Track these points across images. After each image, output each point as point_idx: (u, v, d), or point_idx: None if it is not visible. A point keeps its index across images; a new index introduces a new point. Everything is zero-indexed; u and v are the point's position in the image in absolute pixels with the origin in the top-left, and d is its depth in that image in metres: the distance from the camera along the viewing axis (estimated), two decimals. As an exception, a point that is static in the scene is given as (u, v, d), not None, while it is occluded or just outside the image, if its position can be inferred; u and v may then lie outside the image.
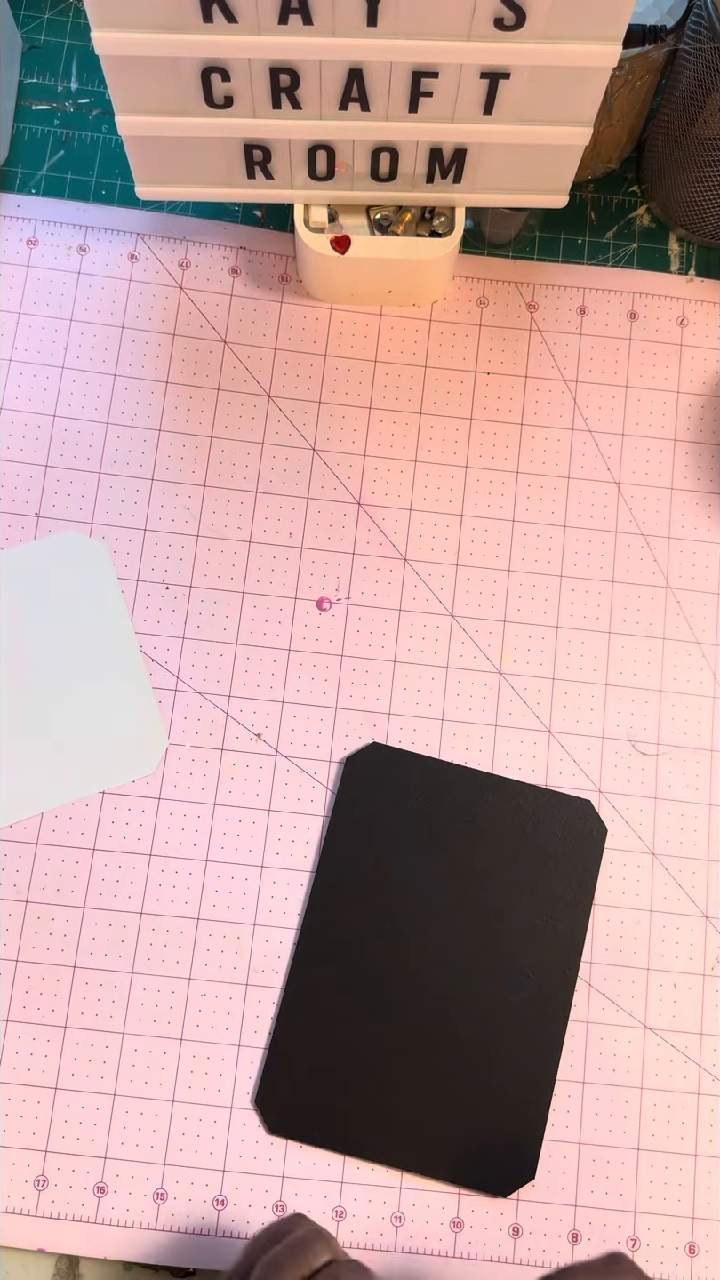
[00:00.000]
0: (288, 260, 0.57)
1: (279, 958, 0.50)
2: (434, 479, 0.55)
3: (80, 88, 0.59)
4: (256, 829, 0.51)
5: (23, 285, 0.56)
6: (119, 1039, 0.49)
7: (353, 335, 0.56)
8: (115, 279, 0.56)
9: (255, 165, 0.50)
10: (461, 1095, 0.49)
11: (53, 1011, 0.49)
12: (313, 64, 0.45)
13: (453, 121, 0.47)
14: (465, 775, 0.51)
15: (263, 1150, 0.48)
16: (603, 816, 0.52)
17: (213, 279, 0.56)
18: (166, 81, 0.45)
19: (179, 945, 0.50)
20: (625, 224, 0.58)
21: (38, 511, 0.53)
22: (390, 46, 0.44)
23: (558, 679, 0.53)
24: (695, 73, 0.50)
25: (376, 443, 0.55)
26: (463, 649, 0.53)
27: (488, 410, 0.55)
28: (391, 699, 0.52)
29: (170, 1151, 0.48)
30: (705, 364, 0.56)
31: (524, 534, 0.54)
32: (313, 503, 0.54)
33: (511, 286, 0.57)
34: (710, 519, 0.55)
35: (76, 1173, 0.48)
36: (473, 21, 0.43)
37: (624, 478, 0.55)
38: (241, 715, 0.52)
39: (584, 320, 0.57)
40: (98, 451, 0.54)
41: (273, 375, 0.55)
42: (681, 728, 0.53)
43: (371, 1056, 0.49)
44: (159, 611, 0.53)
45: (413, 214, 0.53)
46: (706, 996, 0.50)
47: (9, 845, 0.50)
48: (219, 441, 0.55)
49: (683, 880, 0.51)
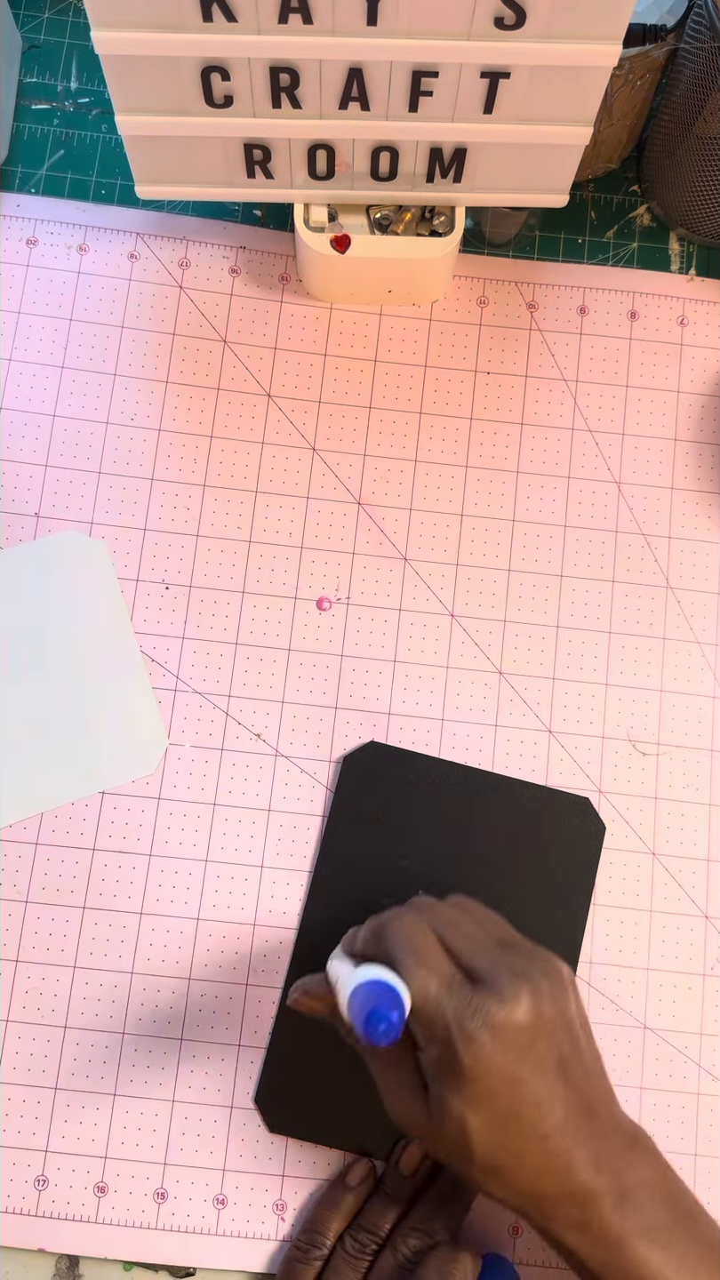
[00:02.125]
0: (288, 260, 0.57)
1: (279, 958, 0.50)
2: (434, 479, 0.55)
3: (80, 87, 0.59)
4: (256, 829, 0.51)
5: (22, 285, 0.56)
6: (119, 1039, 0.49)
7: (353, 335, 0.56)
8: (115, 279, 0.56)
9: (255, 165, 0.50)
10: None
11: (53, 1011, 0.49)
12: (313, 63, 0.45)
13: (453, 121, 0.47)
14: (462, 773, 0.51)
15: (263, 1149, 0.48)
16: (603, 817, 0.52)
17: (213, 279, 0.56)
18: (166, 81, 0.45)
19: (179, 945, 0.50)
20: (625, 224, 0.58)
21: (37, 511, 0.53)
22: (390, 46, 0.44)
23: (558, 679, 0.53)
24: (695, 72, 0.50)
25: (376, 443, 0.55)
26: (463, 649, 0.53)
27: (488, 410, 0.55)
28: (391, 699, 0.52)
29: (170, 1151, 0.48)
30: (706, 364, 0.56)
31: (524, 534, 0.54)
32: (313, 502, 0.54)
33: (511, 286, 0.57)
34: (710, 519, 0.55)
35: (76, 1173, 0.48)
36: (473, 21, 0.43)
37: (624, 478, 0.55)
38: (241, 715, 0.52)
39: (584, 320, 0.57)
40: (97, 451, 0.54)
41: (273, 375, 0.55)
42: (682, 728, 0.53)
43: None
44: (159, 611, 0.53)
45: (413, 213, 0.53)
46: (706, 996, 0.50)
47: (9, 845, 0.50)
48: (219, 441, 0.55)
49: (683, 880, 0.51)
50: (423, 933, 0.39)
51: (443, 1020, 0.37)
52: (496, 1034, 0.37)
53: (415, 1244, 0.45)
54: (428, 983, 0.37)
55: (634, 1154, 0.39)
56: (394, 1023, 0.34)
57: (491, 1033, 0.37)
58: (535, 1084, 0.37)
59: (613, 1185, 0.38)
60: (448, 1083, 0.37)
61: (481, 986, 0.38)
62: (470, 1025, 0.37)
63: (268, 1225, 0.48)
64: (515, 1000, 0.37)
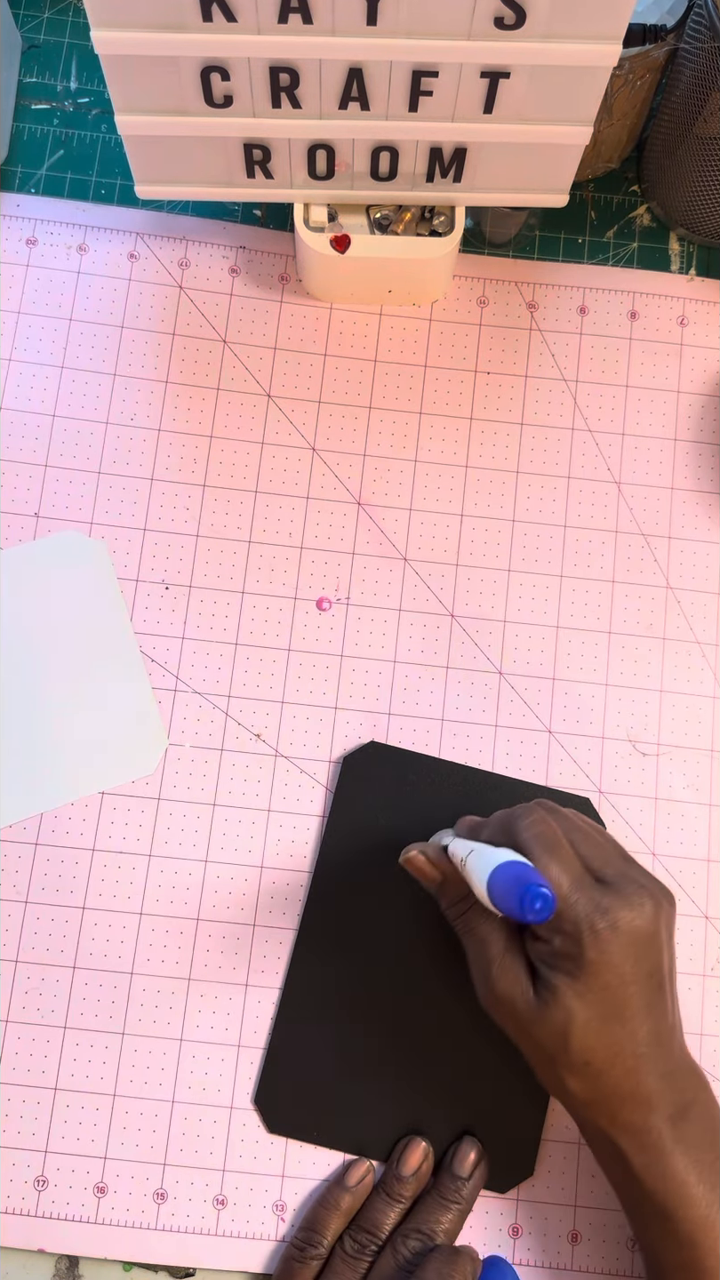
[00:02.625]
0: (288, 260, 0.57)
1: (279, 957, 0.50)
2: (434, 479, 0.55)
3: (80, 87, 0.59)
4: (256, 829, 0.51)
5: (22, 285, 0.56)
6: (119, 1039, 0.49)
7: (353, 335, 0.56)
8: (115, 278, 0.56)
9: (255, 164, 0.50)
10: (460, 1092, 0.49)
11: (53, 1012, 0.49)
12: (312, 63, 0.45)
13: (453, 121, 0.47)
14: (462, 773, 0.51)
15: (263, 1150, 0.48)
16: (603, 817, 0.52)
17: (212, 278, 0.56)
18: (166, 81, 0.45)
19: (179, 945, 0.50)
20: (625, 223, 0.58)
21: (37, 511, 0.53)
22: (390, 46, 0.44)
23: (558, 679, 0.53)
24: (695, 72, 0.50)
25: (376, 443, 0.55)
26: (463, 649, 0.53)
27: (488, 410, 0.55)
28: (391, 699, 0.52)
29: (170, 1151, 0.48)
30: (706, 364, 0.56)
31: (524, 534, 0.54)
32: (313, 503, 0.54)
33: (512, 286, 0.57)
34: (710, 519, 0.55)
35: (76, 1173, 0.48)
36: (473, 21, 0.43)
37: (624, 478, 0.55)
38: (241, 715, 0.52)
39: (584, 320, 0.57)
40: (97, 451, 0.54)
41: (273, 375, 0.55)
42: (682, 728, 0.53)
43: (371, 1054, 0.49)
44: (159, 611, 0.53)
45: (413, 213, 0.53)
46: (706, 996, 0.50)
47: (9, 845, 0.50)
48: (219, 441, 0.55)
49: (683, 880, 0.51)
50: (554, 830, 0.41)
51: (572, 914, 0.39)
52: (621, 935, 0.39)
53: (415, 1245, 0.45)
54: (561, 877, 0.39)
55: (694, 1077, 0.42)
56: (550, 899, 0.35)
57: (617, 933, 0.39)
58: (643, 989, 0.40)
59: (675, 1099, 0.40)
60: (566, 973, 0.39)
61: (610, 890, 0.40)
62: (600, 923, 0.39)
63: (267, 1225, 0.48)
64: (641, 908, 0.40)
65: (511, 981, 0.41)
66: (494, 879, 0.37)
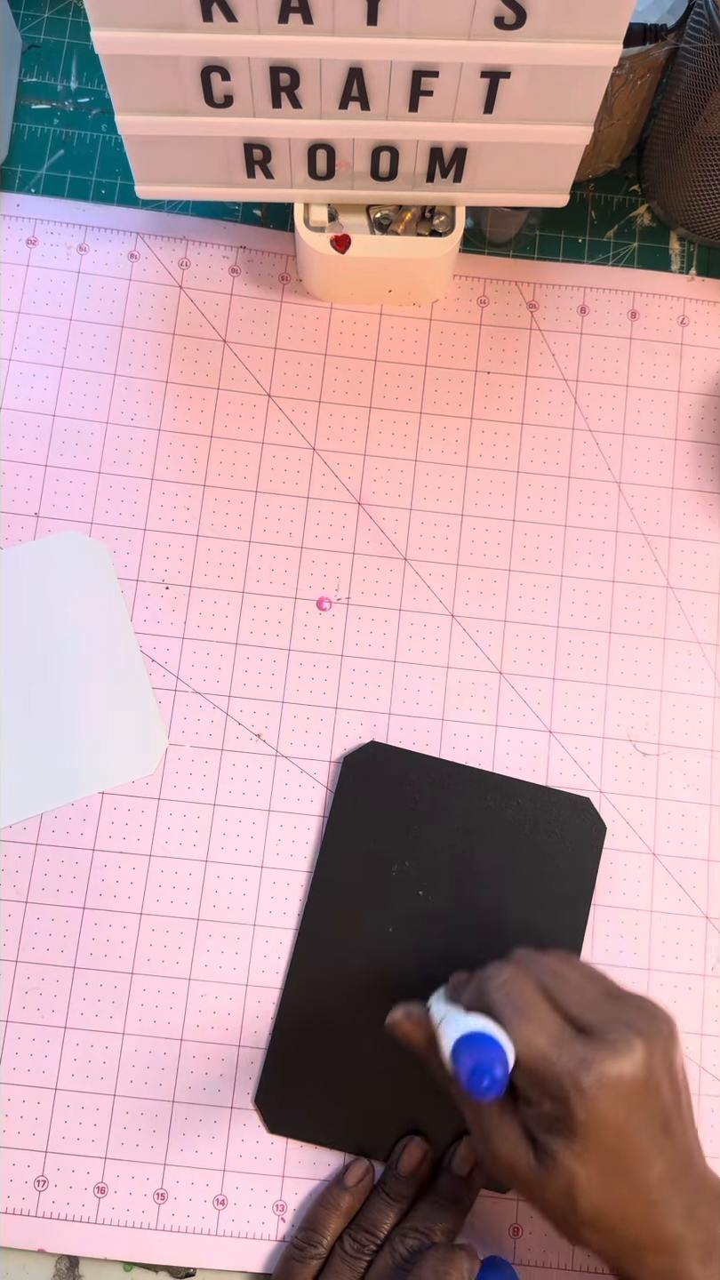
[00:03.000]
0: (288, 259, 0.57)
1: (279, 958, 0.50)
2: (434, 479, 0.55)
3: (80, 87, 0.59)
4: (256, 829, 0.51)
5: (22, 285, 0.56)
6: (119, 1039, 0.49)
7: (353, 335, 0.56)
8: (115, 278, 0.56)
9: (255, 164, 0.50)
10: (461, 1095, 0.49)
11: (53, 1012, 0.49)
12: (313, 63, 0.45)
13: (453, 120, 0.47)
14: (462, 773, 0.51)
15: (263, 1150, 0.48)
16: (604, 817, 0.51)
17: (212, 278, 0.56)
18: (166, 81, 0.45)
19: (179, 945, 0.50)
20: (626, 223, 0.58)
21: (37, 511, 0.53)
22: (390, 45, 0.44)
23: (558, 679, 0.53)
24: (696, 72, 0.50)
25: (376, 442, 0.55)
26: (463, 649, 0.53)
27: (488, 410, 0.55)
28: (391, 699, 0.52)
29: (170, 1151, 0.48)
30: (706, 363, 0.56)
31: (524, 534, 0.54)
32: (313, 502, 0.54)
33: (512, 286, 0.57)
34: (711, 519, 0.55)
35: (76, 1173, 0.48)
36: (473, 20, 0.43)
37: (624, 477, 0.55)
38: (241, 715, 0.52)
39: (584, 319, 0.57)
40: (97, 451, 0.54)
41: (273, 375, 0.55)
42: (682, 728, 0.53)
43: (371, 1054, 0.49)
44: (159, 611, 0.53)
45: (413, 213, 0.53)
46: (707, 997, 0.50)
47: (9, 845, 0.50)
48: (219, 441, 0.55)
49: (683, 881, 0.51)
50: (527, 988, 0.39)
51: (554, 1075, 0.37)
52: (611, 1088, 0.37)
53: (413, 1244, 0.45)
54: (535, 1038, 0.37)
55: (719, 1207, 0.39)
56: (497, 1079, 0.35)
57: (606, 1087, 0.36)
58: (644, 1137, 0.37)
59: (703, 1237, 0.38)
60: (559, 1136, 0.37)
61: (593, 1040, 0.37)
62: (585, 1080, 0.36)
63: (268, 1226, 0.48)
64: (629, 1053, 0.37)
65: (511, 1147, 0.39)
66: (454, 1053, 0.36)
